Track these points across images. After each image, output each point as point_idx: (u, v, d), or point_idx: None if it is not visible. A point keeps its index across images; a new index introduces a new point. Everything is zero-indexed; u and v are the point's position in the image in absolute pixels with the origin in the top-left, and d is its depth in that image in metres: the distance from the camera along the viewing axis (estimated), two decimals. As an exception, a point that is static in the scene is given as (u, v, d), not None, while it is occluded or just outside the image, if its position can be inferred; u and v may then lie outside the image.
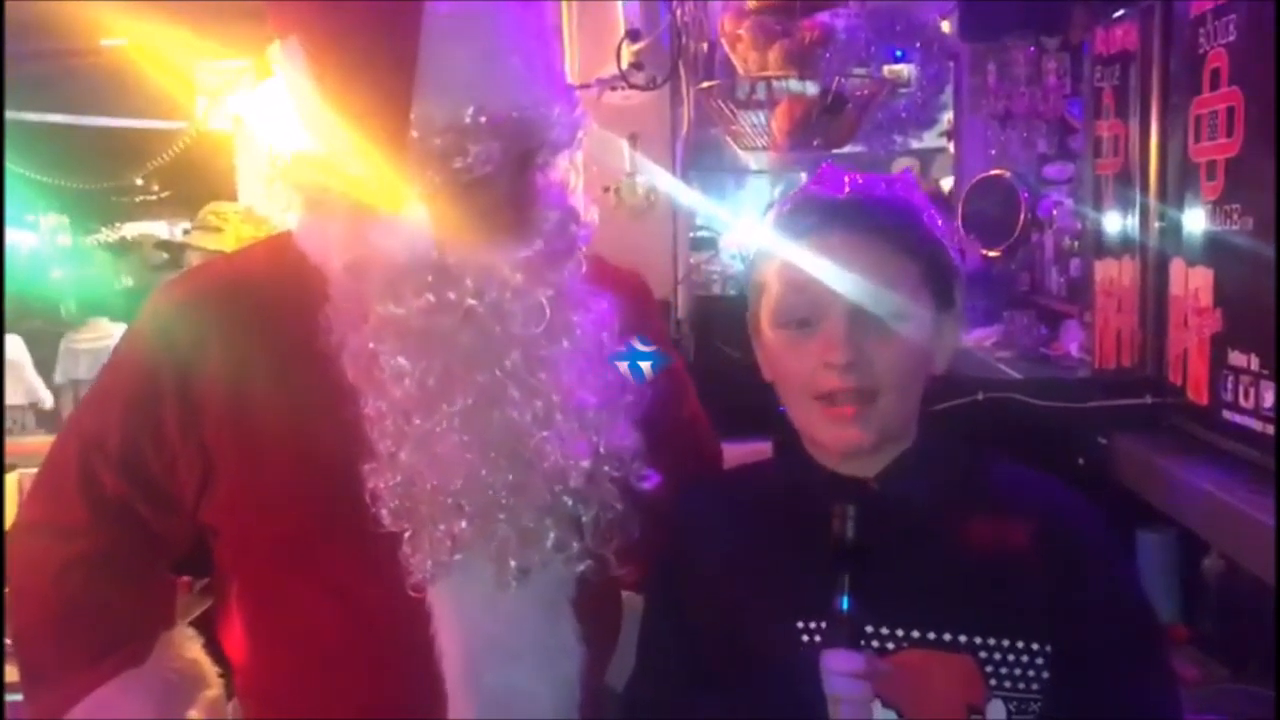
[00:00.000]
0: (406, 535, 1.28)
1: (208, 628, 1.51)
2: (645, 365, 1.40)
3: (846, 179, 1.31)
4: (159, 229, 10.37)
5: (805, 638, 1.23)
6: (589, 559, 1.34)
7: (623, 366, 1.37)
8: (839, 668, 1.15)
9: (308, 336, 1.29)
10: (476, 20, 1.26)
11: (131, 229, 10.63)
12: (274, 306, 1.35)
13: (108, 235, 10.36)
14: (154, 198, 9.36)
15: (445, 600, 1.31)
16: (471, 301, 1.28)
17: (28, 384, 6.52)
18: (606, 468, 1.33)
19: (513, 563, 1.29)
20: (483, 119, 1.23)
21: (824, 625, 1.21)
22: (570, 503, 1.32)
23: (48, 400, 6.63)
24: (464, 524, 1.27)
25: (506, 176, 1.28)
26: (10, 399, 6.24)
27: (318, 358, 1.29)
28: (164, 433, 1.34)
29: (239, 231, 4.28)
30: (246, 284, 1.39)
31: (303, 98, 1.29)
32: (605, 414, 1.33)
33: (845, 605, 1.16)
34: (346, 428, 1.28)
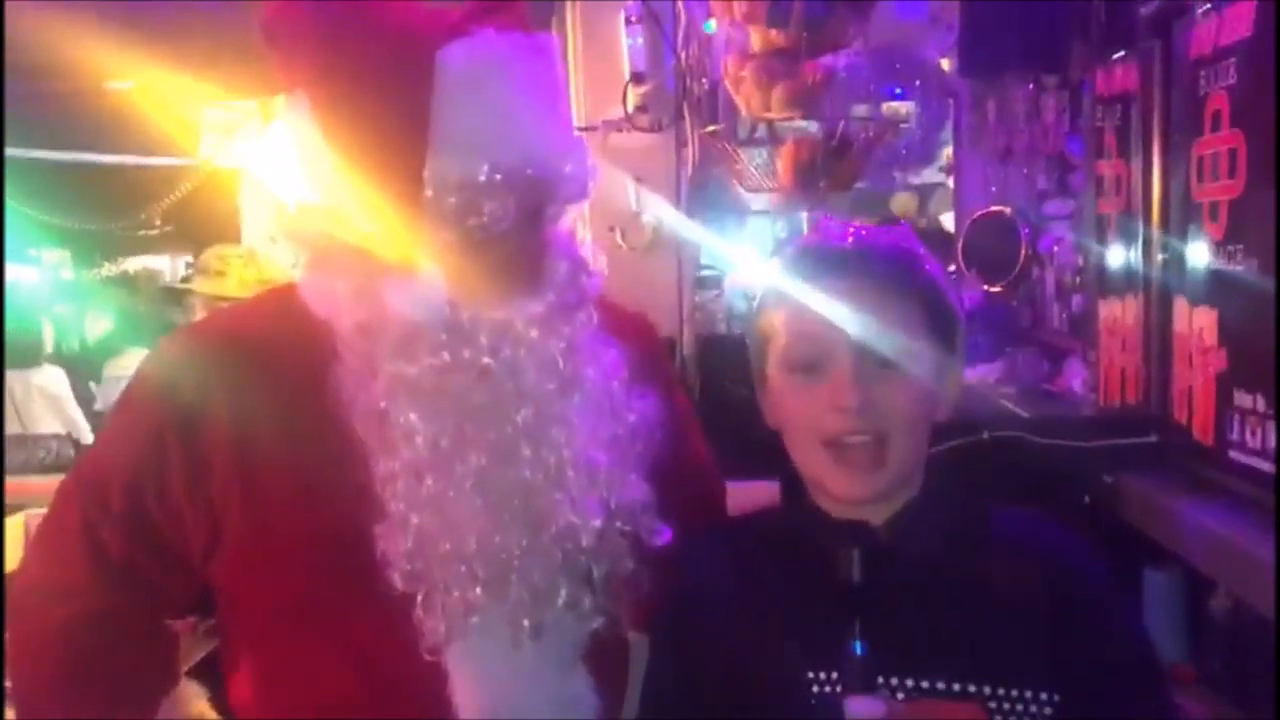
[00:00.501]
0: (420, 598, 1.27)
1: (212, 671, 1.50)
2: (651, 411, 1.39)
3: (849, 229, 1.33)
4: (161, 264, 10.39)
5: (815, 687, 1.23)
6: (601, 615, 1.33)
7: (631, 415, 1.37)
8: (860, 713, 1.14)
9: (316, 393, 1.28)
10: (488, 76, 1.26)
11: (133, 264, 10.65)
12: (281, 361, 1.34)
13: (110, 270, 10.39)
14: (155, 232, 9.39)
15: (460, 661, 1.30)
16: (486, 359, 1.28)
17: (67, 416, 6.49)
18: (618, 523, 1.32)
19: (526, 622, 1.29)
20: (497, 176, 1.23)
21: (835, 674, 1.21)
22: (582, 560, 1.31)
23: (86, 435, 6.60)
24: (479, 589, 1.27)
25: (518, 231, 1.28)
26: (48, 428, 6.20)
27: (326, 415, 1.28)
28: (169, 489, 1.33)
29: (241, 275, 4.27)
30: (252, 338, 1.38)
31: (311, 152, 1.29)
32: (616, 469, 1.32)
33: (859, 649, 1.16)
34: (357, 487, 1.27)
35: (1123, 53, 2.40)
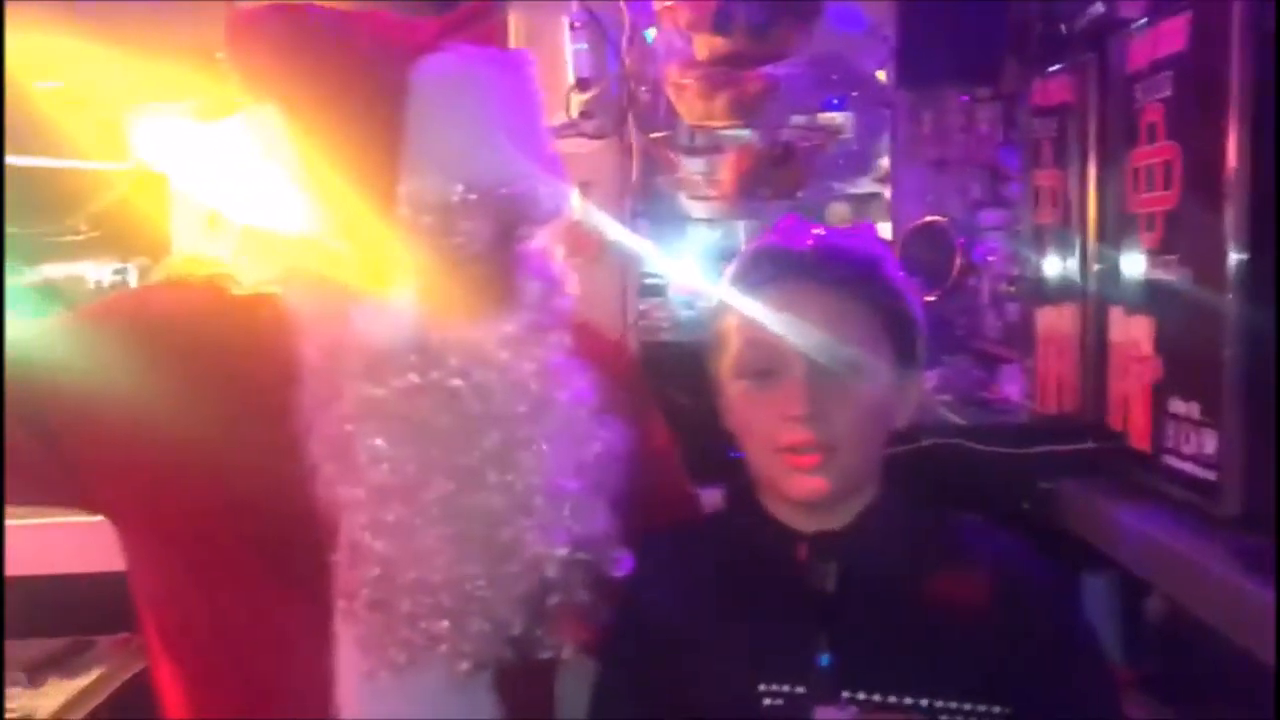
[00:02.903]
0: (367, 627, 1.22)
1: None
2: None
3: (812, 230, 1.32)
4: (85, 270, 10.12)
5: (767, 700, 1.22)
6: (545, 648, 1.29)
7: (600, 443, 1.32)
8: None
9: (269, 405, 1.23)
10: (464, 92, 1.23)
11: (54, 270, 10.35)
12: (233, 362, 1.29)
13: (31, 277, 10.09)
14: (81, 238, 9.11)
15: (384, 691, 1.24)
16: (456, 381, 1.23)
17: None
18: (580, 554, 1.28)
19: (469, 661, 1.24)
20: (473, 196, 1.20)
21: (786, 687, 1.20)
22: (541, 591, 1.27)
23: None
24: (444, 622, 1.21)
25: (492, 250, 1.25)
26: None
27: (280, 429, 1.23)
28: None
29: None
30: (201, 324, 1.33)
31: (278, 169, 1.24)
32: (584, 498, 1.28)
33: (825, 662, 1.15)
34: (305, 508, 1.22)
35: (1058, 66, 2.44)
